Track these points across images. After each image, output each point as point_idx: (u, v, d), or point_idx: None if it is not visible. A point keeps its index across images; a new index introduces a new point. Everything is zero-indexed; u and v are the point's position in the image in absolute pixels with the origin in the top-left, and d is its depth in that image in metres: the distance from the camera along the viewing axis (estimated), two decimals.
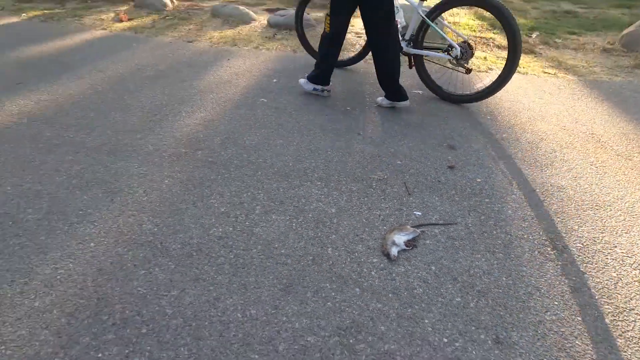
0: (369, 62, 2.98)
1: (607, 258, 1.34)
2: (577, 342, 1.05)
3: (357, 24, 4.09)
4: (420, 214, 1.52)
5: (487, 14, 2.40)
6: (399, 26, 2.40)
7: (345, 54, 3.17)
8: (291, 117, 2.24)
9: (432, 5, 2.35)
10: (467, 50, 2.32)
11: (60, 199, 1.50)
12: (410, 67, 2.54)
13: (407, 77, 2.76)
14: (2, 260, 1.22)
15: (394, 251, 1.30)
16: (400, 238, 1.34)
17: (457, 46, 2.31)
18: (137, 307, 1.09)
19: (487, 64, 3.31)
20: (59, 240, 1.31)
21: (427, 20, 2.33)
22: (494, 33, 4.17)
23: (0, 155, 1.76)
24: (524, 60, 3.44)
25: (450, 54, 2.35)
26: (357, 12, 2.24)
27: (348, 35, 3.74)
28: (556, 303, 1.16)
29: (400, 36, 2.43)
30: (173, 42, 3.61)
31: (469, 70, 2.38)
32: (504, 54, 3.59)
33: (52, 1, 5.10)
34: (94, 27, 4.01)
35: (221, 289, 1.16)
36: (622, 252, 1.36)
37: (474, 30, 4.33)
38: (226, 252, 1.29)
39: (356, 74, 2.98)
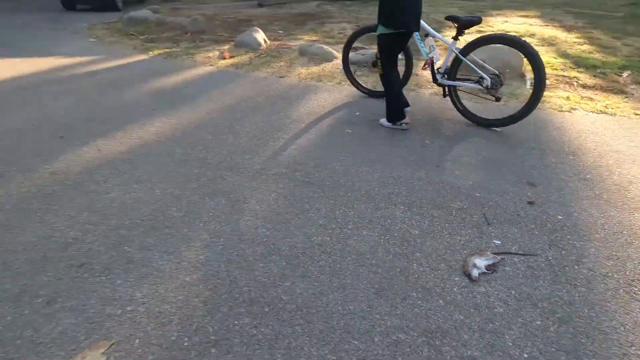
0: (446, 99, 3.16)
1: None
2: None
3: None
4: (499, 242, 1.63)
5: (570, 51, 2.51)
6: (434, 62, 2.80)
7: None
8: (374, 148, 2.50)
9: (465, 44, 2.71)
10: (497, 80, 2.65)
11: (194, 202, 1.90)
12: (445, 97, 2.91)
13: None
14: (160, 244, 1.61)
15: (475, 273, 1.44)
16: (481, 262, 1.48)
17: (487, 77, 2.64)
18: (260, 291, 1.38)
19: (569, 103, 3.28)
20: (198, 233, 1.68)
21: (461, 56, 2.68)
22: (578, 72, 4.09)
23: (147, 165, 2.26)
24: (613, 100, 3.35)
25: (481, 85, 2.67)
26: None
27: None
28: None
29: (435, 70, 2.84)
30: (267, 77, 4.17)
31: (498, 99, 2.73)
32: (589, 93, 3.53)
33: (170, 41, 6.16)
34: (203, 63, 4.78)
35: (324, 286, 1.40)
36: None
37: (556, 69, 4.29)
38: (326, 257, 1.54)
39: (433, 110, 3.17)
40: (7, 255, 1.53)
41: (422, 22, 2.63)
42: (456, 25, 2.63)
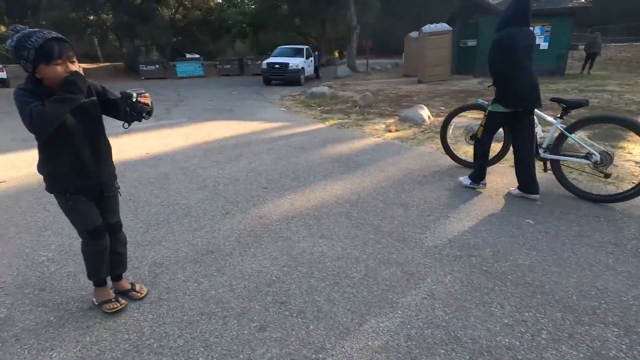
0: None
1: None
2: None
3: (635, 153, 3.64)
4: None
5: None
6: (537, 137, 2.92)
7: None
8: (565, 246, 2.21)
9: (572, 122, 2.84)
10: (607, 157, 2.70)
11: (371, 268, 2.05)
12: (545, 171, 3.01)
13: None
14: (343, 301, 1.78)
15: None
16: None
17: (597, 153, 2.72)
18: None
19: None
20: (376, 299, 1.79)
21: (567, 133, 2.81)
22: None
23: (329, 223, 2.59)
24: None
25: (589, 160, 2.76)
26: None
27: (627, 164, 3.45)
28: None
29: (537, 145, 2.93)
30: (432, 152, 4.30)
31: (607, 175, 2.74)
32: None
33: (342, 113, 7.13)
34: (371, 134, 5.32)
35: None
36: None
37: None
38: None
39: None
40: (233, 280, 1.96)
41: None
42: (563, 106, 2.84)
